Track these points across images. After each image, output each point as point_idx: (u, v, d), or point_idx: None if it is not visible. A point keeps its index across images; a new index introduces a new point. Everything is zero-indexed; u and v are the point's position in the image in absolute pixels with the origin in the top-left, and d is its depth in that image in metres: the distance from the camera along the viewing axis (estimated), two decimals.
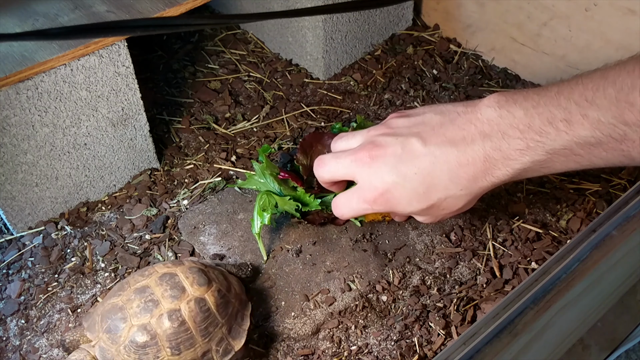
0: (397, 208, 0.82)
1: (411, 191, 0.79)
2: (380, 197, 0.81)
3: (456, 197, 0.78)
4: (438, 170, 0.77)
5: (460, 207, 0.81)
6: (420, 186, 0.78)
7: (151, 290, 0.83)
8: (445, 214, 0.83)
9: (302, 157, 1.03)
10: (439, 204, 0.79)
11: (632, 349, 1.44)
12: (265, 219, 0.95)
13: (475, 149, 0.74)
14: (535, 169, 0.72)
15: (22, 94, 0.92)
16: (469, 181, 0.76)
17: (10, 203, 1.01)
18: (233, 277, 0.92)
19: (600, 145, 0.64)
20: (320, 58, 1.29)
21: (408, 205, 0.80)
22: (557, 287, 0.77)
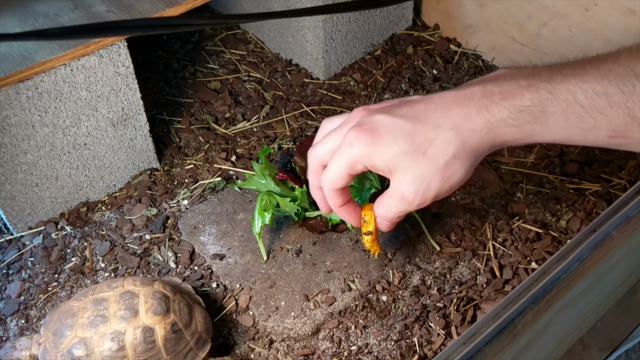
0: (378, 145, 0.70)
1: (399, 125, 0.69)
2: (367, 126, 0.70)
3: (445, 139, 0.68)
4: (432, 107, 0.69)
5: (448, 159, 0.69)
6: (410, 122, 0.69)
7: (107, 304, 0.81)
8: (433, 174, 0.70)
9: (300, 160, 1.03)
10: (425, 148, 0.68)
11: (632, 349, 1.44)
12: (266, 219, 0.95)
13: (475, 88, 0.68)
14: (533, 118, 0.65)
15: (22, 94, 0.92)
16: (462, 117, 0.68)
17: (10, 203, 1.01)
18: (201, 312, 0.88)
19: (606, 97, 0.60)
20: (320, 58, 1.29)
21: (392, 141, 0.69)
22: (557, 287, 0.77)
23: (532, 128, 0.66)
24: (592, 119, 0.62)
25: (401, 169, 0.70)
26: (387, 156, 0.69)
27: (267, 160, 1.01)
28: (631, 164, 1.10)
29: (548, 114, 0.64)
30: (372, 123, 0.71)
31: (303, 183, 1.00)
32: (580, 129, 0.64)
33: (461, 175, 0.71)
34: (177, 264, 1.00)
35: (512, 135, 0.67)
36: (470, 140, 0.68)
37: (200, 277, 0.98)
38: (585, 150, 1.14)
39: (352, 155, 0.71)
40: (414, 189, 0.71)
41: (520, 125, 0.66)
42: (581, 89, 0.62)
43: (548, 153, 1.14)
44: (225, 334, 0.91)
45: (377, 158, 0.70)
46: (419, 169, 0.69)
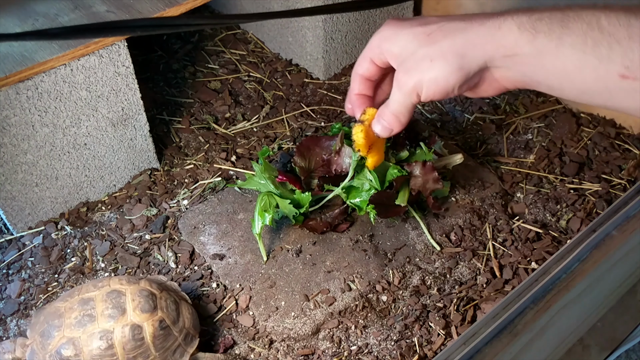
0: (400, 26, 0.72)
1: (421, 17, 0.73)
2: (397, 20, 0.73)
3: (452, 27, 0.68)
4: (457, 15, 0.71)
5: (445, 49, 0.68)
6: (432, 16, 0.72)
7: (94, 304, 0.81)
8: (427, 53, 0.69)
9: (300, 160, 1.03)
10: (432, 30, 0.69)
11: (632, 349, 1.44)
12: (266, 219, 0.95)
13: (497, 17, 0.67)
14: (549, 29, 0.62)
15: (22, 94, 0.92)
16: (478, 17, 0.67)
17: (10, 203, 1.01)
18: (188, 308, 0.88)
19: (627, 28, 0.59)
20: (320, 58, 1.29)
21: (410, 25, 0.71)
22: (557, 287, 0.77)
23: (545, 42, 0.63)
24: (608, 46, 0.60)
25: (406, 51, 0.71)
26: (402, 38, 0.71)
27: (267, 162, 1.01)
28: (631, 164, 1.10)
29: (567, 29, 0.62)
30: (403, 18, 0.77)
31: (303, 185, 1.00)
32: (594, 57, 0.61)
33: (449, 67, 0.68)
34: (177, 264, 1.00)
35: (522, 45, 0.64)
36: (476, 31, 0.67)
37: (200, 277, 0.98)
38: (585, 150, 1.14)
39: (378, 37, 0.74)
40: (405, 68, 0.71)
41: (535, 33, 0.63)
42: (605, 15, 0.60)
43: (548, 153, 1.14)
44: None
45: (396, 39, 0.72)
46: (418, 51, 0.70)
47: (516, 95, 1.26)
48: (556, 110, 1.22)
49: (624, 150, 1.13)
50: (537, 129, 1.19)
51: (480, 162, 1.13)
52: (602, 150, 1.13)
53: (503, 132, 1.19)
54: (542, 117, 1.21)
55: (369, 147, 0.85)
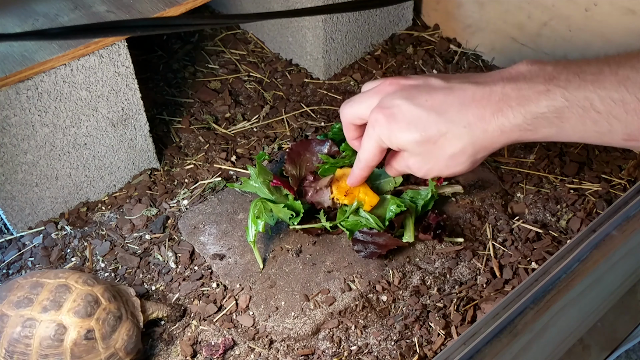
0: (396, 131, 0.76)
1: (416, 114, 0.74)
2: (387, 111, 0.76)
3: (456, 135, 0.72)
4: (450, 101, 0.73)
5: (456, 152, 0.73)
6: (426, 113, 0.74)
7: (41, 291, 0.81)
8: (438, 160, 0.75)
9: (290, 168, 1.03)
10: (436, 139, 0.73)
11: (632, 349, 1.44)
12: (259, 226, 0.94)
13: (495, 87, 0.70)
14: (549, 123, 0.67)
15: (22, 94, 0.92)
16: (476, 118, 0.71)
17: (10, 203, 1.01)
18: (131, 330, 0.85)
19: (622, 103, 0.61)
20: (320, 58, 1.29)
21: (406, 129, 0.75)
22: (557, 287, 0.77)
23: (547, 131, 0.68)
24: (607, 124, 0.63)
25: (412, 151, 0.77)
26: (402, 140, 0.76)
27: (262, 166, 1.01)
28: (631, 164, 1.10)
29: (564, 119, 0.66)
30: (392, 107, 0.76)
31: (295, 192, 1.00)
32: (595, 132, 0.65)
33: (465, 166, 0.76)
34: (177, 264, 1.00)
35: (526, 137, 0.70)
36: (480, 139, 0.72)
37: (200, 277, 0.98)
38: (585, 150, 1.14)
39: (376, 137, 0.79)
40: (419, 166, 0.79)
41: (535, 129, 0.68)
42: (598, 97, 0.63)
43: (548, 153, 1.14)
44: None
45: (393, 140, 0.77)
46: (427, 154, 0.76)
47: None
48: None
49: (624, 150, 1.13)
50: None
51: None
52: (602, 150, 1.14)
53: None
54: None
55: (346, 194, 0.96)
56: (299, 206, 0.97)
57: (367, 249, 0.95)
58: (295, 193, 1.00)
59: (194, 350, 0.89)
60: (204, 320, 0.93)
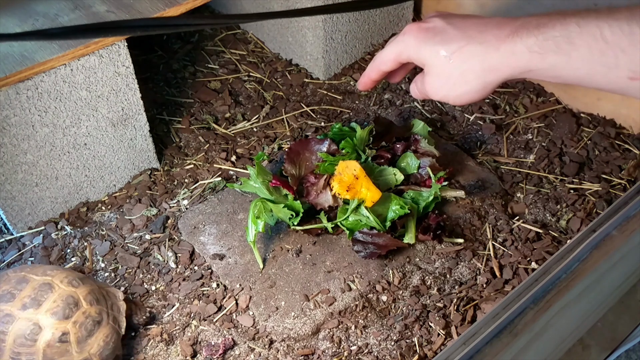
0: (424, 39, 0.79)
1: (446, 30, 0.78)
2: (418, 24, 0.79)
3: (471, 50, 0.75)
4: (476, 24, 0.77)
5: (466, 68, 0.76)
6: (454, 29, 0.77)
7: (25, 287, 0.81)
8: (450, 77, 0.78)
9: (290, 167, 1.03)
10: (452, 51, 0.77)
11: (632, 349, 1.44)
12: (259, 226, 0.94)
13: (520, 17, 0.74)
14: (558, 48, 0.69)
15: (22, 94, 0.92)
16: (493, 36, 0.74)
17: (10, 203, 1.01)
18: (109, 337, 0.84)
19: (631, 36, 0.63)
20: (320, 58, 1.29)
21: (433, 40, 0.78)
22: (557, 287, 0.77)
23: (555, 58, 0.69)
24: (614, 55, 0.65)
25: (430, 64, 0.79)
26: (425, 52, 0.78)
27: (261, 166, 1.01)
28: (631, 164, 1.10)
29: (573, 45, 0.67)
30: (428, 23, 0.79)
31: (295, 193, 1.00)
32: (601, 65, 0.66)
33: (472, 88, 0.78)
34: (177, 264, 1.00)
35: (535, 63, 0.71)
36: (491, 57, 0.74)
37: (200, 277, 0.98)
38: (585, 150, 1.14)
39: (403, 44, 0.80)
40: (431, 83, 0.80)
41: (544, 53, 0.70)
42: (609, 25, 0.64)
43: (548, 153, 1.14)
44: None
45: (418, 51, 0.79)
46: (441, 68, 0.78)
47: (516, 95, 1.26)
48: (556, 110, 1.22)
49: (624, 150, 1.13)
50: (537, 129, 1.19)
51: (480, 162, 1.13)
52: (602, 150, 1.13)
53: (503, 132, 1.19)
54: (542, 117, 1.21)
55: (347, 189, 0.96)
56: (299, 206, 0.97)
57: (367, 249, 0.95)
58: (295, 192, 1.00)
59: (194, 350, 0.89)
60: (204, 320, 0.93)
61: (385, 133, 1.11)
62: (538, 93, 1.26)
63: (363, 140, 1.06)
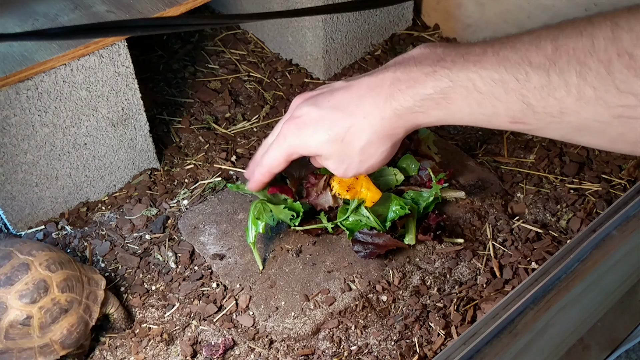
0: (305, 136, 0.80)
1: (320, 116, 0.78)
2: (297, 120, 0.80)
3: (359, 127, 0.75)
4: (349, 96, 0.76)
5: (363, 145, 0.77)
6: (329, 112, 0.77)
7: (5, 264, 0.83)
8: (352, 157, 0.79)
9: (290, 168, 1.03)
10: (342, 136, 0.77)
11: (632, 349, 1.44)
12: (259, 227, 0.94)
13: (387, 74, 0.73)
14: (436, 104, 0.68)
15: (22, 94, 0.92)
16: (372, 106, 0.74)
17: (10, 203, 1.01)
18: (74, 326, 0.84)
19: (502, 84, 0.62)
20: (320, 58, 1.29)
21: (314, 132, 0.79)
22: (557, 287, 0.77)
23: (437, 113, 0.69)
24: (491, 105, 0.64)
25: (326, 153, 0.80)
26: (313, 144, 0.79)
27: None
28: (631, 164, 1.10)
29: (450, 100, 0.67)
30: (300, 116, 0.80)
31: (295, 195, 1.00)
32: (481, 114, 0.66)
33: (378, 157, 0.78)
34: (177, 264, 1.00)
35: (422, 119, 0.71)
36: (381, 127, 0.74)
37: (200, 277, 0.98)
38: (585, 150, 1.14)
39: (286, 146, 0.82)
40: (336, 168, 0.81)
41: (425, 111, 0.70)
42: (480, 77, 0.64)
43: (548, 153, 1.14)
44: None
45: (305, 146, 0.80)
46: (339, 154, 0.79)
47: None
48: None
49: (620, 153, 1.13)
50: None
51: (480, 162, 1.13)
52: (602, 150, 1.14)
53: (503, 132, 1.19)
54: None
55: (348, 189, 0.96)
56: (299, 207, 0.97)
57: (367, 249, 0.95)
58: (295, 194, 1.00)
59: (194, 350, 0.89)
60: (204, 320, 0.93)
61: None
62: None
63: None
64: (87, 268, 0.92)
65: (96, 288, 0.89)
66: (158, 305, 0.95)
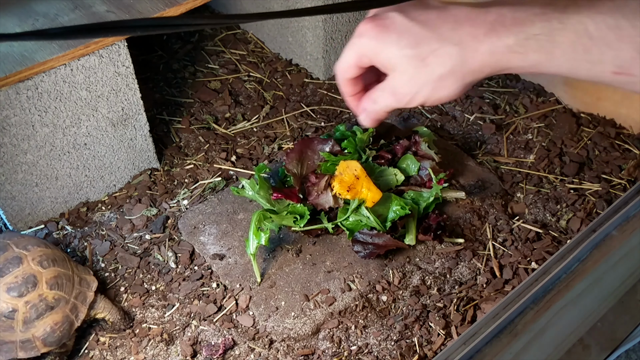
0: (384, 42, 0.72)
1: (407, 29, 0.70)
2: (379, 21, 0.71)
3: (447, 52, 0.69)
4: (444, 17, 0.70)
5: (444, 72, 0.71)
6: (419, 27, 0.70)
7: (1, 254, 0.85)
8: (426, 82, 0.72)
9: (292, 166, 1.03)
10: (425, 56, 0.70)
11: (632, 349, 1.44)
12: (262, 239, 0.93)
13: (491, 8, 0.68)
14: (540, 46, 0.65)
15: (22, 94, 0.92)
16: (469, 36, 0.68)
17: (10, 203, 1.01)
18: (58, 325, 0.84)
19: (616, 30, 0.60)
20: (320, 58, 1.29)
21: (397, 41, 0.71)
22: (557, 287, 0.77)
23: (537, 57, 0.66)
24: (599, 51, 0.62)
25: (399, 68, 0.72)
26: (389, 54, 0.71)
27: (262, 179, 1.01)
28: (631, 164, 1.10)
29: (555, 43, 0.64)
30: (385, 19, 0.72)
31: (299, 196, 1.00)
32: (586, 62, 0.63)
33: (452, 91, 0.72)
34: (177, 264, 1.00)
35: (516, 62, 0.67)
36: (471, 60, 0.69)
37: (200, 277, 0.98)
38: (585, 150, 1.14)
39: (359, 46, 0.73)
40: (406, 89, 0.73)
41: (525, 52, 0.66)
42: (593, 21, 0.62)
43: (548, 153, 1.14)
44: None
45: (380, 54, 0.72)
46: (415, 73, 0.71)
47: (516, 95, 1.26)
48: (556, 110, 1.22)
49: (624, 150, 1.13)
50: (537, 129, 1.19)
51: (480, 162, 1.13)
52: (602, 150, 1.14)
53: (503, 132, 1.19)
54: (542, 117, 1.21)
55: (348, 189, 0.96)
56: (303, 209, 0.97)
57: (367, 249, 0.95)
58: (300, 195, 0.99)
59: (194, 350, 0.89)
60: (204, 320, 0.93)
61: (386, 136, 1.11)
62: (538, 93, 1.26)
63: (364, 141, 1.06)
64: (81, 268, 0.92)
65: (87, 289, 0.89)
66: (158, 305, 0.95)
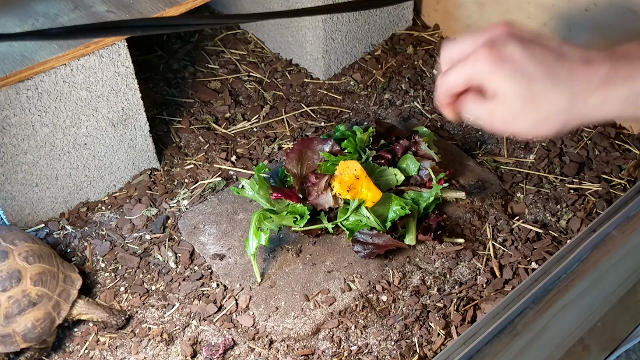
0: (499, 72, 0.73)
1: (527, 64, 0.71)
2: (493, 49, 0.72)
3: (558, 98, 0.70)
4: (561, 62, 0.71)
5: (551, 115, 0.72)
6: (537, 66, 0.71)
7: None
8: (528, 118, 0.73)
9: (292, 166, 1.03)
10: (535, 95, 0.71)
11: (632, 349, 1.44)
12: (262, 239, 0.93)
13: (605, 60, 0.68)
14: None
15: (22, 94, 0.92)
16: (582, 86, 0.69)
17: (10, 203, 1.01)
18: (39, 321, 0.85)
19: None
20: (320, 58, 1.29)
21: (510, 77, 0.72)
22: (557, 287, 0.77)
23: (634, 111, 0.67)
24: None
25: (507, 101, 0.73)
26: (501, 85, 0.72)
27: (262, 179, 1.01)
28: (631, 164, 1.10)
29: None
30: (504, 52, 0.72)
31: (298, 195, 0.99)
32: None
33: (550, 131, 0.73)
34: (177, 264, 1.00)
35: (624, 112, 0.68)
36: (579, 108, 0.70)
37: (200, 277, 0.98)
38: (585, 150, 1.14)
39: (473, 71, 0.74)
40: (505, 120, 0.74)
41: (637, 107, 0.67)
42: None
43: (548, 153, 1.14)
44: None
45: (492, 82, 0.72)
46: (521, 109, 0.72)
47: None
48: None
49: (624, 150, 1.13)
50: None
51: (480, 162, 1.13)
52: (602, 150, 1.13)
53: None
54: None
55: (348, 189, 0.96)
56: (303, 209, 0.97)
57: (367, 249, 0.95)
58: (299, 195, 0.99)
59: (194, 350, 0.89)
60: (204, 320, 0.93)
61: (386, 136, 1.11)
62: None
63: (364, 141, 1.06)
64: (67, 265, 0.92)
65: (70, 287, 0.89)
66: (158, 305, 0.95)
